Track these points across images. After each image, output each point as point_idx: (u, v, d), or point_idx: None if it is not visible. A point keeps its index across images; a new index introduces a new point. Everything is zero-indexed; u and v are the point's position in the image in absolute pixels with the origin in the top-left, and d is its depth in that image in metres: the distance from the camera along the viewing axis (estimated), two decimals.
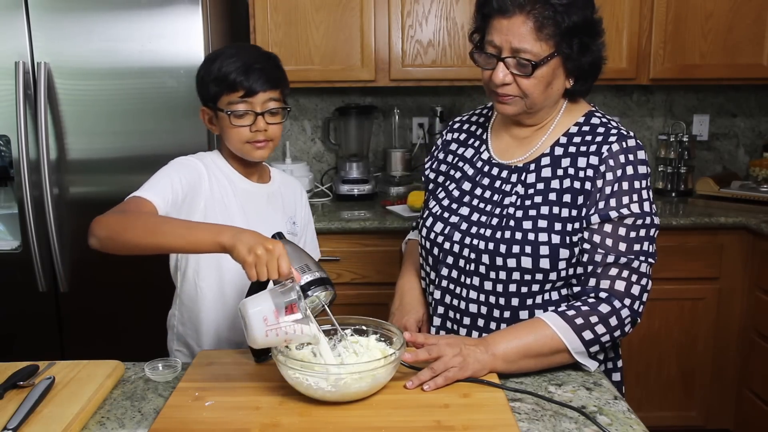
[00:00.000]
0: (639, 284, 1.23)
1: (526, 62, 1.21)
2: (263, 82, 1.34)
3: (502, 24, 1.22)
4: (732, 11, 2.63)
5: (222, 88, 1.35)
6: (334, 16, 2.61)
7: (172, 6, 2.17)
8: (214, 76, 1.35)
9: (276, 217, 1.48)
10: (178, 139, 2.23)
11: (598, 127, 1.30)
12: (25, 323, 2.33)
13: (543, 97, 1.26)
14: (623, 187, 1.23)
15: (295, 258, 1.15)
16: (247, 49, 1.43)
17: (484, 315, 1.31)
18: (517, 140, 1.37)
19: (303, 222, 1.58)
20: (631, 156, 1.25)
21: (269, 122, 1.37)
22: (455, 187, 1.40)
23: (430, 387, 1.11)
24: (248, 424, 1.02)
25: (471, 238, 1.31)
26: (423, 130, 3.02)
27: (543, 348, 1.18)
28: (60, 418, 1.02)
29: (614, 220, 1.23)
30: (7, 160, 2.33)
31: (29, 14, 2.16)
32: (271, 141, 1.40)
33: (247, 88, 1.34)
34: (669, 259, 2.48)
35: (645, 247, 1.24)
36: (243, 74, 1.33)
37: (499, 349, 1.17)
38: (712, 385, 2.60)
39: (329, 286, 1.14)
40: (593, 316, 1.19)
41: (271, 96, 1.37)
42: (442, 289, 1.36)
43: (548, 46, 1.21)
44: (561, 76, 1.27)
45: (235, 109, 1.35)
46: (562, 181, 1.28)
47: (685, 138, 2.90)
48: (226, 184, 1.43)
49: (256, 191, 1.47)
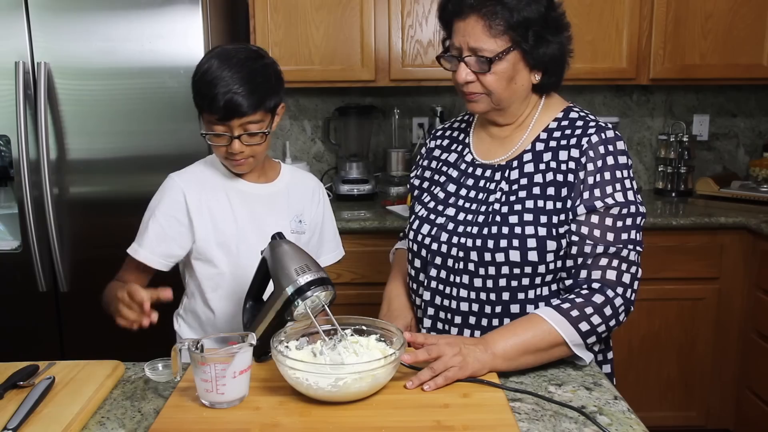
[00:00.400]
0: (629, 272, 1.24)
1: (483, 59, 1.26)
2: (243, 108, 1.30)
3: (459, 26, 1.28)
4: (732, 11, 2.63)
5: (202, 104, 1.33)
6: (334, 16, 2.61)
7: (172, 6, 2.17)
8: (198, 86, 1.33)
9: (276, 216, 1.48)
10: (178, 139, 2.23)
11: (576, 120, 1.34)
12: (25, 323, 2.33)
13: (508, 92, 1.30)
14: (605, 177, 1.26)
15: (295, 258, 1.15)
16: (233, 65, 1.31)
17: (475, 312, 1.32)
18: (497, 140, 1.40)
19: (314, 220, 1.56)
20: (611, 147, 1.28)
21: (247, 143, 1.35)
22: (440, 190, 1.43)
23: (431, 387, 1.11)
24: (248, 424, 1.02)
25: (458, 237, 1.32)
26: (423, 130, 3.02)
27: (541, 343, 1.19)
28: (60, 418, 1.02)
29: (600, 211, 1.25)
30: (7, 160, 2.33)
31: (29, 14, 2.16)
32: (253, 157, 1.38)
33: (222, 112, 1.30)
34: (669, 259, 2.48)
35: (632, 235, 1.26)
36: (222, 96, 1.28)
37: (499, 348, 1.17)
38: (712, 385, 2.60)
39: (329, 286, 1.15)
40: (588, 308, 1.21)
41: (251, 119, 1.32)
42: (431, 290, 1.37)
43: (503, 41, 1.25)
44: (523, 71, 1.30)
45: (211, 131, 1.34)
46: (545, 175, 1.30)
47: (685, 138, 2.90)
48: (218, 188, 1.44)
49: (253, 191, 1.47)
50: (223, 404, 1.06)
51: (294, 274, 1.13)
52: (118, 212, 2.25)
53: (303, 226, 1.52)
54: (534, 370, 1.22)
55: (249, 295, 1.28)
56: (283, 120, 3.07)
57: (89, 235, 2.28)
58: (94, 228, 2.27)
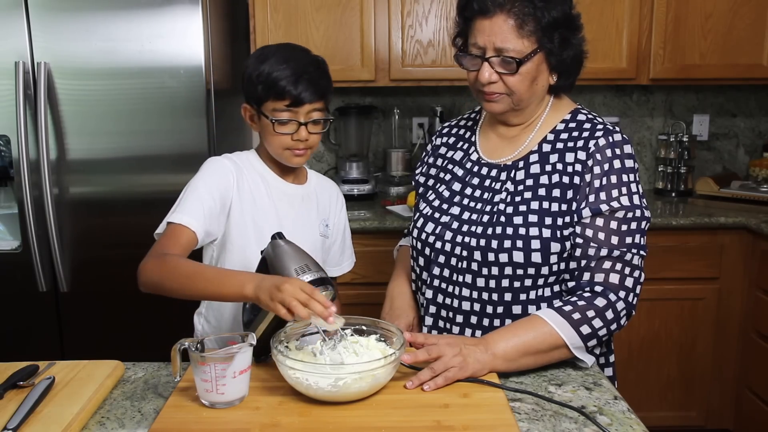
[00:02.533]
0: (632, 276, 1.24)
1: (511, 60, 1.23)
2: (311, 93, 1.34)
3: (484, 25, 1.24)
4: (732, 11, 2.63)
5: (269, 93, 1.34)
6: (334, 16, 2.61)
7: (172, 6, 2.17)
8: (263, 78, 1.34)
9: (310, 218, 1.49)
10: (178, 139, 2.23)
11: (584, 123, 1.33)
12: (25, 323, 2.33)
13: (529, 93, 1.29)
14: (612, 181, 1.25)
15: (295, 258, 1.15)
16: (298, 53, 1.39)
17: (477, 312, 1.32)
18: (505, 140, 1.39)
19: (337, 225, 1.57)
20: (618, 150, 1.27)
21: (311, 132, 1.37)
22: (445, 189, 1.42)
23: (430, 387, 1.11)
24: (248, 424, 1.02)
25: (462, 236, 1.32)
26: (423, 130, 3.02)
27: (542, 345, 1.19)
28: (60, 418, 1.02)
29: (605, 214, 1.24)
30: (7, 160, 2.33)
31: (29, 14, 2.16)
32: (310, 149, 1.41)
33: (294, 98, 1.33)
34: (669, 259, 2.48)
35: (636, 240, 1.25)
36: (292, 84, 1.32)
37: (499, 348, 1.17)
38: (712, 385, 2.60)
39: (329, 285, 1.15)
40: (590, 311, 1.20)
41: (316, 107, 1.36)
42: (434, 289, 1.37)
43: (530, 42, 1.23)
44: (545, 72, 1.29)
45: (279, 117, 1.35)
46: (551, 177, 1.29)
47: (685, 138, 2.91)
48: (261, 183, 1.43)
49: (292, 192, 1.48)
50: (223, 404, 1.07)
51: (294, 274, 1.13)
52: (118, 212, 2.25)
53: (328, 231, 1.53)
54: (534, 371, 1.22)
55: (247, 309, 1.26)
56: None
57: (89, 235, 2.28)
58: (94, 228, 2.27)
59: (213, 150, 2.25)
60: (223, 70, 2.46)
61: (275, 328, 1.17)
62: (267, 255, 1.20)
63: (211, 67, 2.26)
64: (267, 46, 1.43)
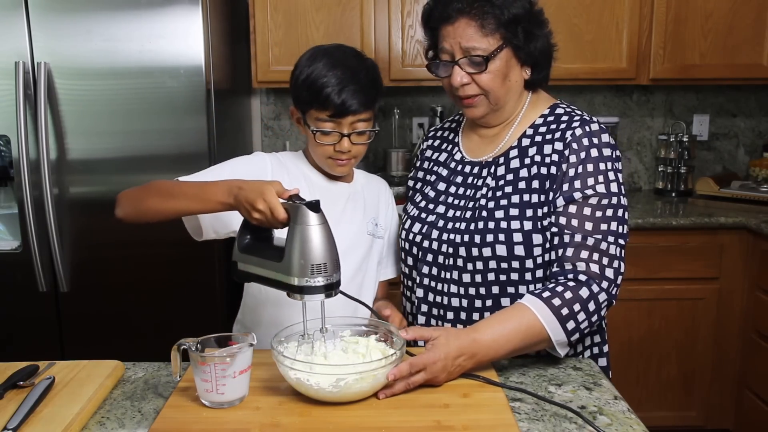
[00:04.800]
0: (612, 267, 1.24)
1: (478, 58, 1.27)
2: (356, 105, 1.29)
3: (449, 30, 1.30)
4: (732, 11, 2.63)
5: (313, 101, 1.30)
6: (334, 16, 2.61)
7: (172, 6, 2.17)
8: (309, 83, 1.30)
9: (355, 218, 1.45)
10: (178, 139, 2.23)
11: (562, 116, 1.35)
12: (25, 323, 2.33)
13: (504, 90, 1.31)
14: (588, 169, 1.26)
15: (318, 249, 1.10)
16: (349, 58, 1.33)
17: (465, 308, 1.33)
18: (486, 138, 1.42)
19: (387, 224, 1.54)
20: (595, 139, 1.28)
21: (355, 142, 1.34)
22: (431, 189, 1.45)
23: (386, 395, 1.09)
24: (248, 424, 1.02)
25: (448, 233, 1.34)
26: (423, 130, 3.02)
27: (530, 344, 1.19)
28: (60, 418, 1.02)
29: (578, 201, 1.25)
30: (7, 160, 2.33)
31: (29, 14, 2.16)
32: (355, 158, 1.37)
33: (337, 108, 1.28)
34: (669, 259, 2.49)
35: (613, 227, 1.25)
36: (336, 94, 1.27)
37: (490, 357, 1.17)
38: (712, 385, 2.60)
39: (333, 292, 1.13)
40: (576, 304, 1.19)
41: (361, 117, 1.32)
42: (424, 288, 1.38)
43: (495, 39, 1.27)
44: (516, 67, 1.31)
45: (321, 128, 1.31)
46: (530, 169, 1.31)
47: (685, 138, 2.91)
48: (302, 182, 1.39)
49: (336, 190, 1.44)
50: (223, 404, 1.07)
51: (309, 270, 1.05)
52: None
53: (379, 230, 1.50)
54: (534, 370, 1.22)
55: (247, 228, 1.17)
56: (284, 120, 3.07)
57: (89, 235, 2.28)
58: (94, 228, 2.27)
59: (213, 150, 2.25)
60: (223, 70, 2.46)
61: (267, 281, 1.12)
62: (292, 216, 1.08)
63: (211, 67, 2.26)
64: (319, 46, 1.37)
